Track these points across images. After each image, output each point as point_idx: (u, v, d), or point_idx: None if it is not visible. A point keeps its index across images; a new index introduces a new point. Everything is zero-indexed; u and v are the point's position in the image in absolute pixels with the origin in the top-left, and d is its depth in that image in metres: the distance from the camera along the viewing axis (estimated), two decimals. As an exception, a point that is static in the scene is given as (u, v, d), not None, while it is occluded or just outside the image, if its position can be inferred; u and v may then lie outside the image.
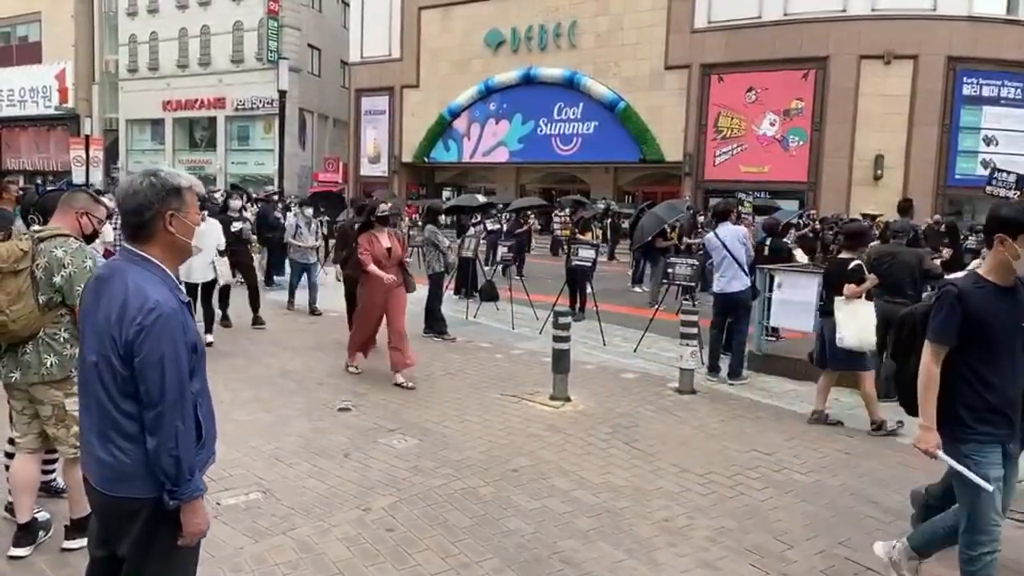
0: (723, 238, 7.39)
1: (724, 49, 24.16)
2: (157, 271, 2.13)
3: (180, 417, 2.04)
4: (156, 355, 2.01)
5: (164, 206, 2.13)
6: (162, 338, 2.02)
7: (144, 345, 2.01)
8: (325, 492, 4.36)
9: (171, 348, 2.03)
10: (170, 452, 2.02)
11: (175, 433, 2.03)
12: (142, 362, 2.01)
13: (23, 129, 42.82)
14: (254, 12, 34.41)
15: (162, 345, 2.02)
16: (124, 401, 2.07)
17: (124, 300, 2.04)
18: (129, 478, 2.08)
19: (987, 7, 21.47)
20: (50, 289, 3.31)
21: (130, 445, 2.07)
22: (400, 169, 32.58)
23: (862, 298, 5.92)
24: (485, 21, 29.54)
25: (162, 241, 2.16)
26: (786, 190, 23.30)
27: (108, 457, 2.08)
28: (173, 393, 2.03)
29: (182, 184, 2.18)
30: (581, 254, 10.29)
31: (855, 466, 5.11)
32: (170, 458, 2.03)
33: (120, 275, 2.10)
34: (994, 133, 22.04)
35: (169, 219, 2.13)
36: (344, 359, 7.43)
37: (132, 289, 2.05)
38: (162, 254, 2.16)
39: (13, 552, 3.48)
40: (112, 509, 2.15)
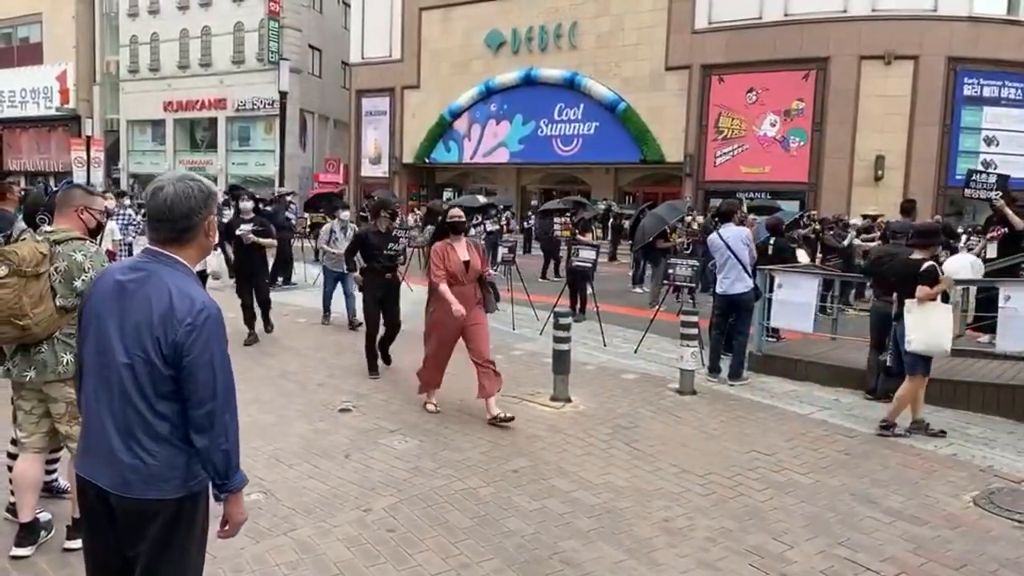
0: (726, 239, 7.39)
1: (725, 50, 24.17)
2: (189, 273, 2.19)
3: (230, 414, 2.14)
4: (207, 355, 2.08)
5: (208, 211, 2.21)
6: (212, 338, 2.09)
7: (196, 345, 2.06)
8: (326, 493, 4.37)
9: (220, 347, 2.12)
10: (221, 447, 2.10)
11: (225, 428, 2.11)
12: (193, 362, 2.06)
13: (24, 130, 42.86)
14: (255, 13, 34.43)
15: (212, 344, 2.09)
16: (159, 402, 2.09)
17: (168, 302, 2.07)
18: (154, 480, 2.09)
19: (987, 7, 21.47)
20: (70, 293, 3.33)
21: (158, 447, 2.09)
22: (401, 170, 32.60)
23: (936, 300, 5.71)
24: (486, 22, 29.55)
25: (198, 244, 2.23)
26: (787, 191, 23.30)
27: (132, 460, 2.08)
28: (224, 390, 2.11)
29: (215, 190, 2.29)
30: (582, 255, 10.29)
31: (855, 467, 5.11)
32: (221, 452, 2.10)
33: (156, 277, 2.12)
34: (995, 133, 22.04)
35: (209, 223, 2.22)
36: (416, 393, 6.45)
37: (176, 291, 2.09)
38: (193, 256, 2.23)
39: (15, 552, 3.49)
40: (131, 511, 2.13)
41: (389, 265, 7.44)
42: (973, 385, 6.68)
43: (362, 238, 7.59)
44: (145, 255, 2.20)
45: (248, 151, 36.55)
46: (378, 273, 7.39)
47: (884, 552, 3.84)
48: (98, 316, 2.16)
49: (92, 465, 2.16)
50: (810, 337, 8.52)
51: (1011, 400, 6.41)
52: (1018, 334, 6.50)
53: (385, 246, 7.36)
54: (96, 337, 2.16)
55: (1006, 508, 4.43)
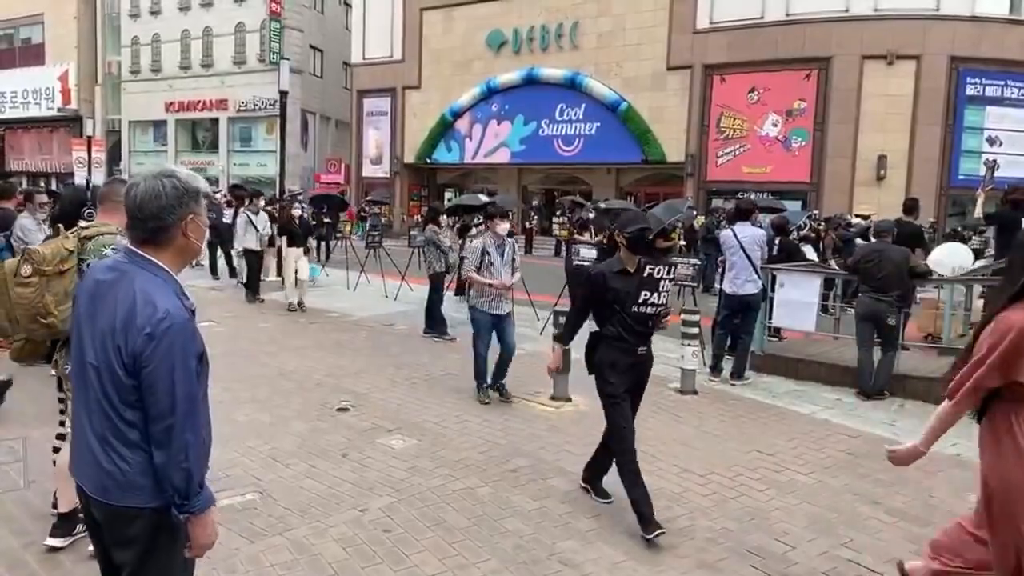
0: (741, 239, 7.33)
1: (726, 49, 24.10)
2: (166, 277, 2.04)
3: (191, 430, 1.97)
4: (166, 366, 1.92)
5: (186, 210, 2.05)
6: (173, 349, 1.93)
7: (154, 356, 1.92)
8: (322, 492, 4.33)
9: (181, 359, 1.95)
10: (180, 465, 1.95)
11: (185, 446, 1.96)
12: (151, 373, 1.92)
13: (26, 130, 42.88)
14: (256, 13, 34.43)
15: (172, 356, 1.93)
16: (126, 410, 1.99)
17: (131, 308, 1.94)
18: (130, 487, 2.01)
19: (990, 7, 21.37)
20: None
21: (131, 453, 2.00)
22: (402, 170, 32.55)
23: None
24: (487, 22, 29.51)
25: (177, 246, 2.07)
26: (789, 190, 23.21)
27: (109, 465, 2.01)
28: (184, 405, 1.95)
29: (201, 187, 2.10)
30: (582, 254, 10.23)
31: (857, 466, 5.06)
32: (181, 471, 1.95)
33: (127, 280, 2.00)
34: (997, 133, 21.94)
35: (188, 223, 2.06)
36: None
37: (141, 297, 1.95)
38: (172, 259, 2.07)
39: (49, 541, 3.50)
40: (111, 518, 2.08)
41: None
42: (977, 385, 6.61)
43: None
44: (124, 255, 2.09)
45: (249, 152, 36.54)
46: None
47: (888, 553, 3.79)
48: (78, 316, 2.09)
49: (80, 469, 2.10)
50: (812, 336, 8.47)
51: (1015, 400, 6.35)
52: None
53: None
54: (76, 337, 2.09)
55: (1011, 509, 4.37)
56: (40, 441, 4.78)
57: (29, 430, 5.11)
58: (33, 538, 3.63)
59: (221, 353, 7.72)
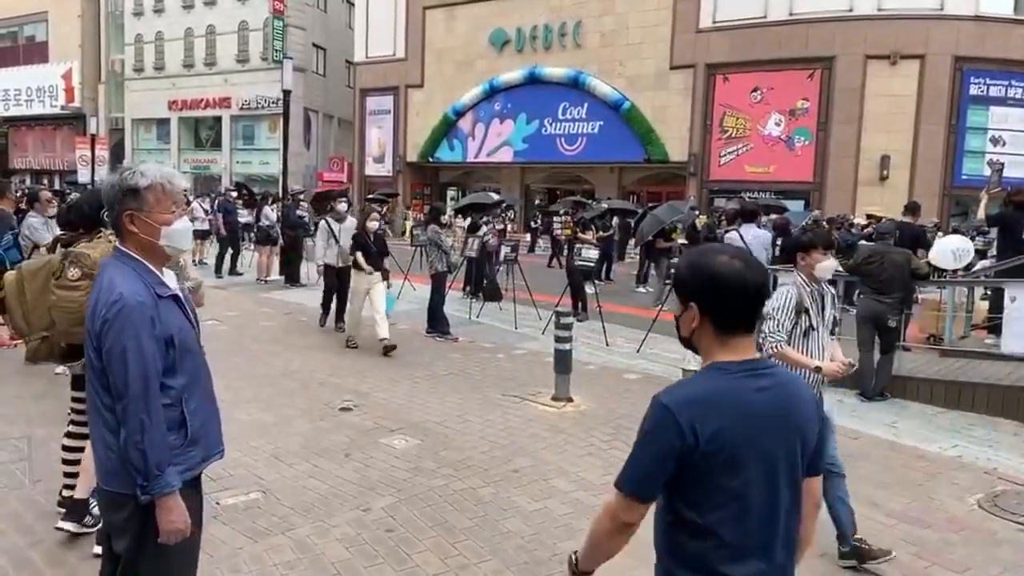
0: (748, 241, 7.34)
1: (729, 49, 24.08)
2: (136, 266, 2.16)
3: (145, 411, 2.03)
4: (119, 347, 2.03)
5: (122, 206, 2.16)
6: (124, 330, 2.03)
7: (108, 337, 2.04)
8: (325, 492, 4.35)
9: (134, 341, 2.03)
10: (136, 445, 2.03)
11: (140, 427, 2.03)
12: (107, 354, 2.04)
13: (30, 128, 42.98)
14: (259, 12, 34.46)
15: (124, 337, 2.03)
16: (104, 395, 2.11)
17: (98, 295, 2.10)
18: (116, 472, 2.10)
19: (994, 6, 21.33)
20: None
21: (113, 438, 2.09)
22: (405, 169, 32.58)
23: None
24: (490, 21, 29.51)
25: (133, 239, 2.18)
26: (791, 190, 23.20)
27: (103, 450, 2.12)
28: (137, 386, 2.03)
29: (139, 184, 2.16)
30: (584, 254, 10.27)
31: (857, 468, 5.06)
32: (136, 451, 2.03)
33: (103, 271, 2.17)
34: (1001, 133, 21.91)
35: (129, 219, 2.16)
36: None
37: (105, 284, 2.10)
38: (139, 252, 2.18)
39: (61, 524, 3.59)
40: (105, 503, 2.19)
41: None
42: (978, 386, 6.63)
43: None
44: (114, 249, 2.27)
45: (252, 150, 36.57)
46: None
47: (887, 555, 3.80)
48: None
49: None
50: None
51: (1016, 402, 6.37)
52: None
53: None
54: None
55: (1010, 511, 4.39)
56: (45, 440, 4.82)
57: (34, 428, 5.15)
58: (39, 536, 3.66)
59: (224, 352, 7.75)
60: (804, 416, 1.70)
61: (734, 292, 1.64)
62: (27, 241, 6.60)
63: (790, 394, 1.69)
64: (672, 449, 1.58)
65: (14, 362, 6.80)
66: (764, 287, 1.73)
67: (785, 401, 1.67)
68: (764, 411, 1.63)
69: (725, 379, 1.63)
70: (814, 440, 1.73)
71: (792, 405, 1.69)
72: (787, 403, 1.67)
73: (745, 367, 1.65)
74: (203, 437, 2.25)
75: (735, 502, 1.60)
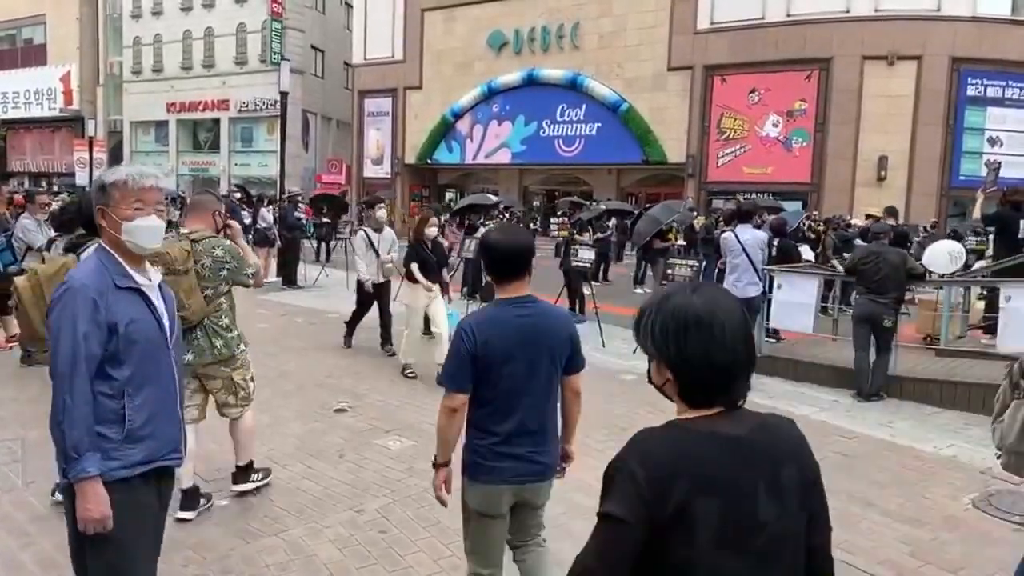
0: (744, 241, 7.34)
1: (727, 50, 24.11)
2: (105, 257, 2.22)
3: (68, 391, 2.05)
4: (55, 328, 2.09)
5: (96, 203, 2.24)
6: (64, 311, 2.08)
7: (52, 318, 2.11)
8: (319, 493, 4.35)
9: (69, 322, 2.07)
10: (58, 425, 2.06)
11: (62, 406, 2.05)
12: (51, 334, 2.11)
13: (28, 131, 42.99)
14: (257, 14, 34.49)
15: (62, 318, 2.08)
16: None
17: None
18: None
19: (991, 7, 21.36)
20: (216, 283, 3.93)
21: None
22: (403, 171, 32.59)
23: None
24: (488, 22, 29.54)
25: (103, 234, 2.25)
26: (789, 191, 23.21)
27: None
28: (64, 366, 2.06)
29: (106, 180, 2.25)
30: (581, 255, 10.26)
31: (853, 468, 5.07)
32: (58, 431, 2.06)
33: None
34: (998, 134, 21.93)
35: (100, 214, 2.23)
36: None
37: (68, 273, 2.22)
38: (108, 245, 2.24)
39: (180, 515, 3.83)
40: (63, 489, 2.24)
41: None
42: (973, 386, 6.63)
43: None
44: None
45: (251, 152, 36.59)
46: None
47: (881, 554, 3.80)
48: None
49: None
50: (810, 337, 8.48)
51: (1012, 401, 6.35)
52: (1019, 335, 6.44)
53: None
54: None
55: (1005, 510, 4.39)
56: (38, 442, 4.80)
57: (27, 431, 5.14)
58: (31, 539, 3.65)
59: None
60: (552, 334, 2.62)
61: (500, 255, 2.58)
62: (20, 243, 6.59)
63: (542, 319, 2.60)
64: (467, 353, 2.50)
65: (9, 365, 6.80)
66: (521, 246, 2.60)
67: (538, 323, 2.58)
68: (520, 327, 2.54)
69: (498, 309, 2.59)
70: (564, 350, 2.66)
71: (543, 326, 2.60)
72: (539, 324, 2.58)
73: (512, 302, 2.58)
74: (147, 438, 2.20)
75: (503, 382, 2.53)
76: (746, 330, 1.44)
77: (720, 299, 1.44)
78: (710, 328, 1.38)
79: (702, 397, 1.44)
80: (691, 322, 1.38)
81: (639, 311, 1.48)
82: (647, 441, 1.44)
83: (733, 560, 1.32)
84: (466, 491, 2.76)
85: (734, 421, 1.43)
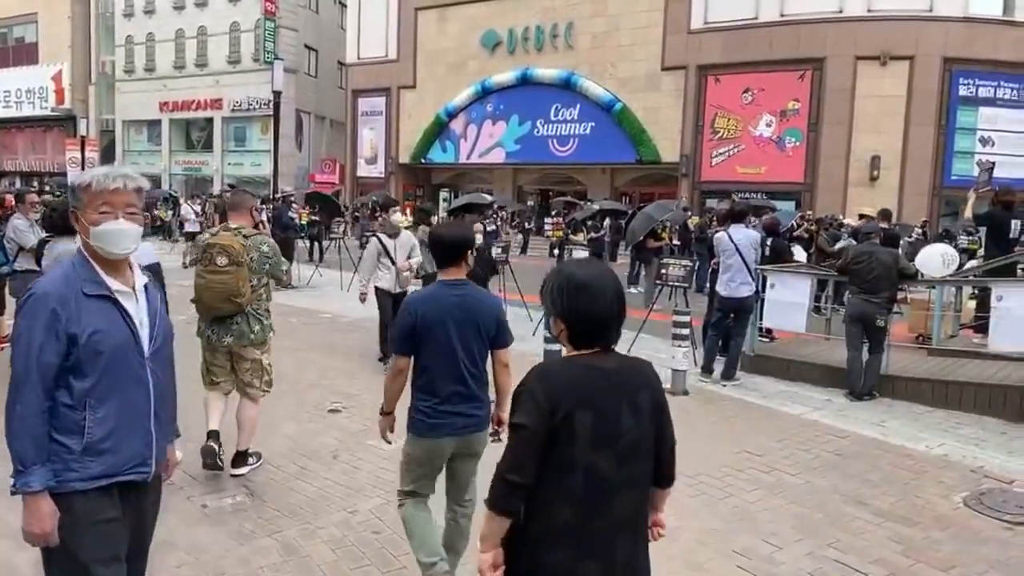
0: (737, 241, 7.35)
1: (721, 50, 24.18)
2: (79, 263, 2.14)
3: (19, 400, 1.98)
4: (17, 335, 2.03)
5: (71, 205, 2.21)
6: (24, 318, 2.03)
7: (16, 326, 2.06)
8: (312, 494, 4.34)
9: (27, 329, 2.01)
10: (6, 431, 1.99)
11: (12, 415, 1.98)
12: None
13: (19, 130, 42.78)
14: (251, 13, 34.40)
15: (21, 324, 2.03)
16: None
17: None
18: None
19: (983, 8, 21.49)
20: (260, 273, 4.41)
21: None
22: (397, 170, 32.57)
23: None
24: (482, 22, 29.55)
25: (80, 238, 2.17)
26: (782, 191, 23.31)
27: None
28: (17, 373, 2.00)
29: (75, 183, 2.19)
30: (575, 255, 10.27)
31: (845, 467, 5.09)
32: (8, 435, 1.99)
33: None
34: (990, 134, 22.07)
35: (73, 217, 2.18)
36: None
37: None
38: (84, 248, 2.16)
39: (233, 472, 4.43)
40: None
41: None
42: (965, 385, 6.66)
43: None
44: None
45: (244, 151, 36.51)
46: None
47: (873, 553, 3.82)
48: None
49: None
50: (803, 337, 8.51)
51: (1003, 400, 6.40)
52: (1010, 334, 6.48)
53: None
54: None
55: (996, 509, 4.41)
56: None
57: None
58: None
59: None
60: (480, 312, 3.06)
61: (439, 244, 3.12)
62: (12, 244, 6.56)
63: (472, 300, 3.07)
64: (410, 324, 3.00)
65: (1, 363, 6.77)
66: (458, 238, 3.12)
67: (468, 302, 3.04)
68: (452, 304, 3.01)
69: (437, 288, 3.09)
70: (491, 327, 3.08)
71: (472, 305, 3.05)
72: (469, 303, 3.05)
73: (449, 284, 3.07)
74: (108, 452, 2.08)
75: (437, 350, 3.00)
76: (618, 292, 1.93)
77: (600, 271, 1.97)
78: (591, 290, 1.89)
79: (585, 341, 1.92)
80: (579, 286, 1.89)
81: (544, 280, 1.97)
82: (545, 370, 1.93)
83: (601, 457, 1.82)
84: (410, 444, 3.20)
85: (607, 359, 1.93)
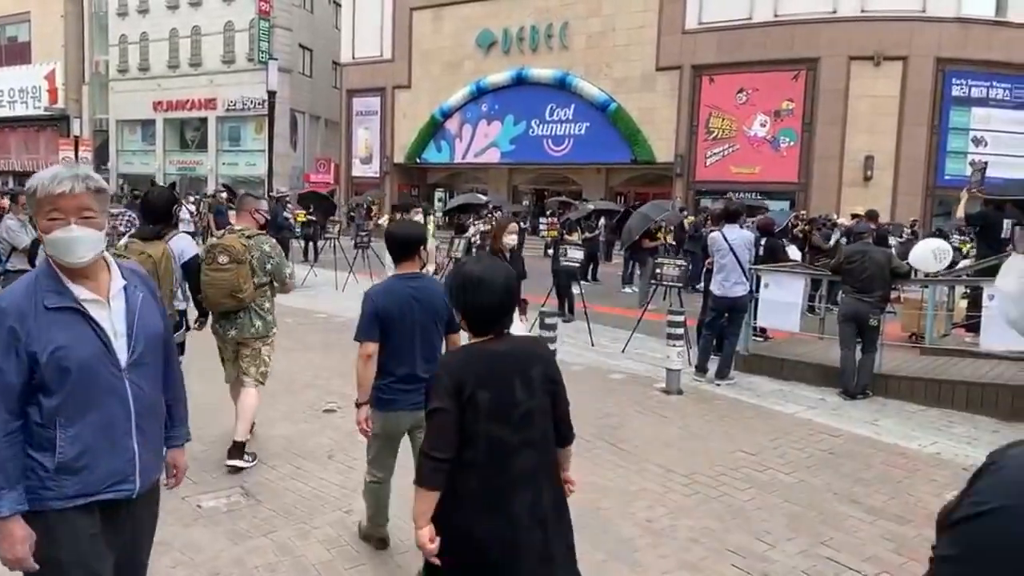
0: (731, 241, 7.38)
1: (715, 50, 24.23)
2: (43, 273, 2.00)
3: None
4: None
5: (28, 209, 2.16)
6: None
7: None
8: (307, 494, 4.34)
9: None
10: None
11: None
12: None
13: (12, 130, 42.57)
14: (245, 12, 34.31)
15: None
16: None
17: None
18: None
19: (976, 8, 21.58)
20: (263, 273, 4.63)
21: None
22: (392, 170, 32.54)
23: None
24: (477, 22, 29.54)
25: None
26: (777, 191, 23.38)
27: None
28: None
29: (27, 187, 2.03)
30: (570, 255, 10.28)
31: (839, 466, 5.12)
32: None
33: None
34: (983, 134, 22.16)
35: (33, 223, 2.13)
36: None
37: None
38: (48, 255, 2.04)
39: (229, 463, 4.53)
40: None
41: None
42: (957, 384, 6.70)
43: None
44: None
45: (238, 151, 36.41)
46: None
47: (866, 551, 3.84)
48: None
49: None
50: (797, 336, 8.54)
51: (995, 399, 6.44)
52: (1002, 333, 6.51)
53: None
54: None
55: (988, 507, 4.44)
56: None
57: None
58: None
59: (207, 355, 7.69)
60: (433, 301, 3.37)
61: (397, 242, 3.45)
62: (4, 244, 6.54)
63: (426, 291, 3.39)
64: (372, 311, 3.34)
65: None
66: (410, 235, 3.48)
67: (422, 293, 3.36)
68: (409, 295, 3.34)
69: (394, 281, 3.42)
70: (443, 315, 3.37)
71: (425, 295, 3.37)
72: (423, 294, 3.36)
73: (405, 277, 3.41)
74: (85, 469, 1.97)
75: (395, 336, 3.35)
76: (506, 285, 2.22)
77: (493, 266, 2.28)
78: (483, 284, 2.20)
79: (481, 329, 2.24)
80: (474, 281, 2.21)
81: (448, 278, 2.35)
82: (448, 360, 2.42)
83: (500, 427, 2.14)
84: (373, 419, 3.57)
85: (501, 342, 2.24)
